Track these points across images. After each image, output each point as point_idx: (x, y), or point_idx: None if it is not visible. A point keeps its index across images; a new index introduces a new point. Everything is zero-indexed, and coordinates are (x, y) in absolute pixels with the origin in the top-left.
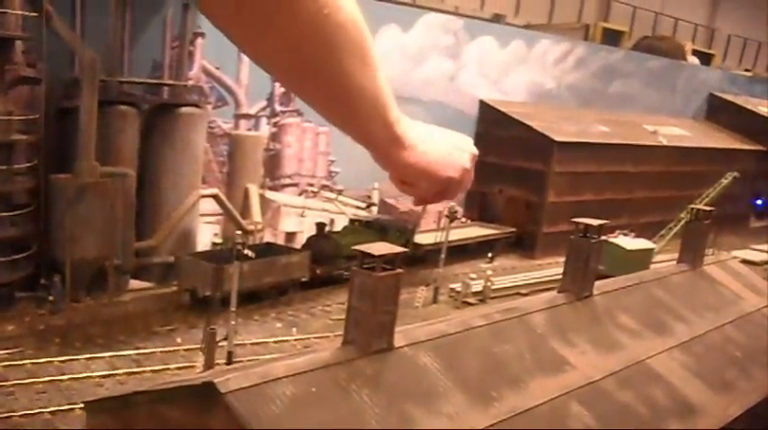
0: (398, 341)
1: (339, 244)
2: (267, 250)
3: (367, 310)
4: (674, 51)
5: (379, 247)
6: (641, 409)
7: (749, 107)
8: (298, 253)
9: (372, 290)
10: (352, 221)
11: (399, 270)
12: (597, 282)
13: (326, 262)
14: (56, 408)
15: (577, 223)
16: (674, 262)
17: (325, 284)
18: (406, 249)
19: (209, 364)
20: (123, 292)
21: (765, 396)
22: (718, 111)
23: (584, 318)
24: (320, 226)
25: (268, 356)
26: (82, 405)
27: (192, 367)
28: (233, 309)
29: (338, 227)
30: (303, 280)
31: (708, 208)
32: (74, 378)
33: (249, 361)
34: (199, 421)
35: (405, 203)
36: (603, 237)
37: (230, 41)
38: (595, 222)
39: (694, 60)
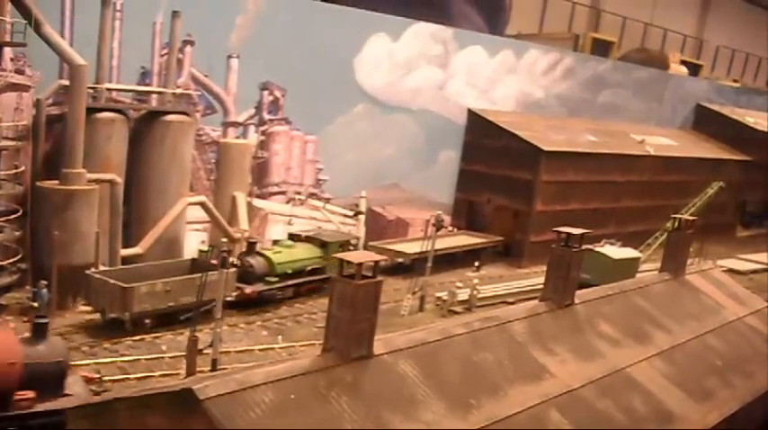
0: (378, 348)
1: (272, 262)
2: (192, 267)
3: (346, 318)
4: (657, 61)
5: (359, 256)
6: (620, 417)
7: (735, 117)
8: (221, 271)
9: (352, 298)
10: (290, 236)
11: (379, 278)
12: (579, 291)
13: (257, 281)
14: None
15: (559, 232)
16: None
17: (255, 305)
18: (384, 257)
19: (191, 371)
20: None
21: (744, 404)
22: (705, 122)
23: (565, 326)
24: (251, 243)
25: (253, 364)
26: None
27: (177, 374)
28: (218, 316)
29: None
30: (228, 299)
31: (690, 217)
32: None
33: (234, 368)
34: (178, 427)
35: (392, 212)
36: (590, 247)
37: None
38: (577, 231)
39: (682, 69)
